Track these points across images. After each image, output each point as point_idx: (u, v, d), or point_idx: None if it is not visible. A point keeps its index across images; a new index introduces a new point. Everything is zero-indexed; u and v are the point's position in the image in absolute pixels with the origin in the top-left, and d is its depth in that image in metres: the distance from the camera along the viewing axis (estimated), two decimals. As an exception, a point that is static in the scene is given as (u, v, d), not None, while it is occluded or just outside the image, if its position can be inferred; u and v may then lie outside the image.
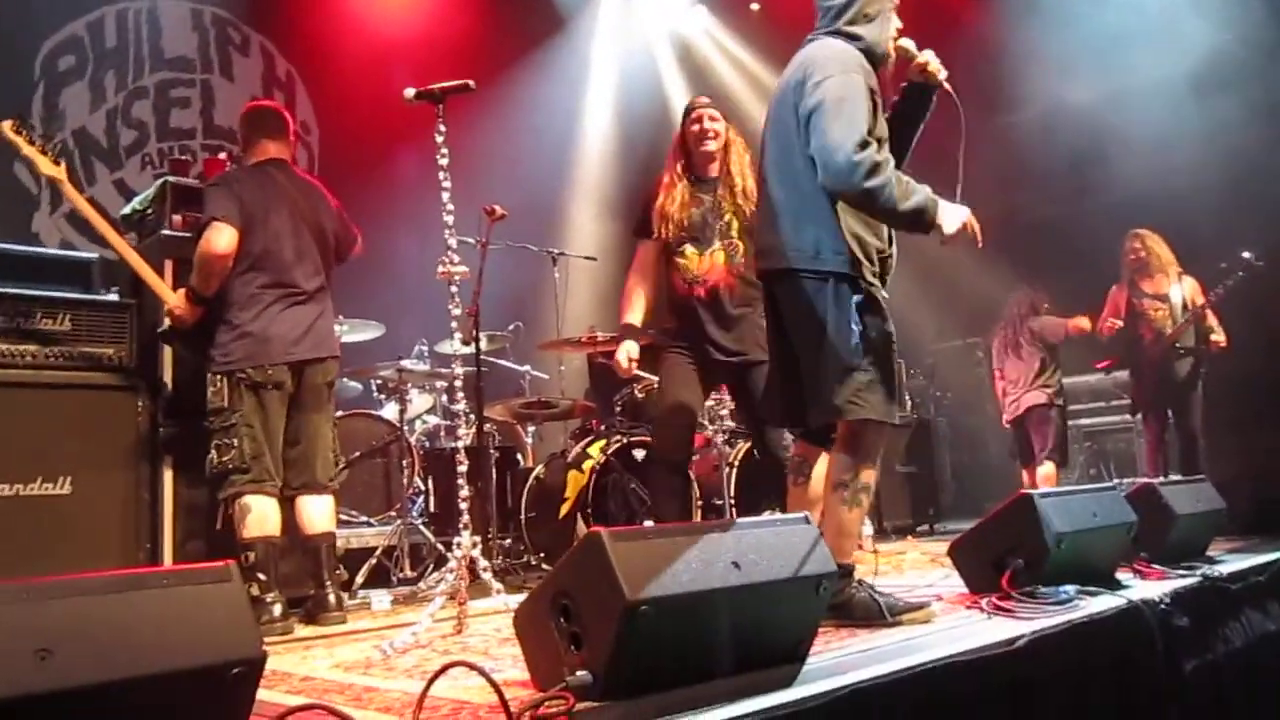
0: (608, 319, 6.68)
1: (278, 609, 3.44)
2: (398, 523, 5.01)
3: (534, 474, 5.37)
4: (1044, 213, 8.45)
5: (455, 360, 3.47)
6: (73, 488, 3.56)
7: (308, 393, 3.74)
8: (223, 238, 3.54)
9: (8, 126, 3.54)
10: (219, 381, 3.56)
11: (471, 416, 4.60)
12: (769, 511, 4.19)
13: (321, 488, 3.75)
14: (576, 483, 4.97)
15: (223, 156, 5.07)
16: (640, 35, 9.69)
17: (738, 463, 5.12)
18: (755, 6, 9.58)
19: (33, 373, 3.57)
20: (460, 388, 3.37)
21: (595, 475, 4.91)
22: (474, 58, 7.61)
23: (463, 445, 3.22)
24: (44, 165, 3.60)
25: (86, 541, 3.57)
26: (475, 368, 4.43)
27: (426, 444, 5.93)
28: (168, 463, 3.83)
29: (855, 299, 2.73)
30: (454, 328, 3.30)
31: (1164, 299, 6.06)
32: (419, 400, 6.04)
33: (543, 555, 5.10)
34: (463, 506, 3.18)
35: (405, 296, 6.50)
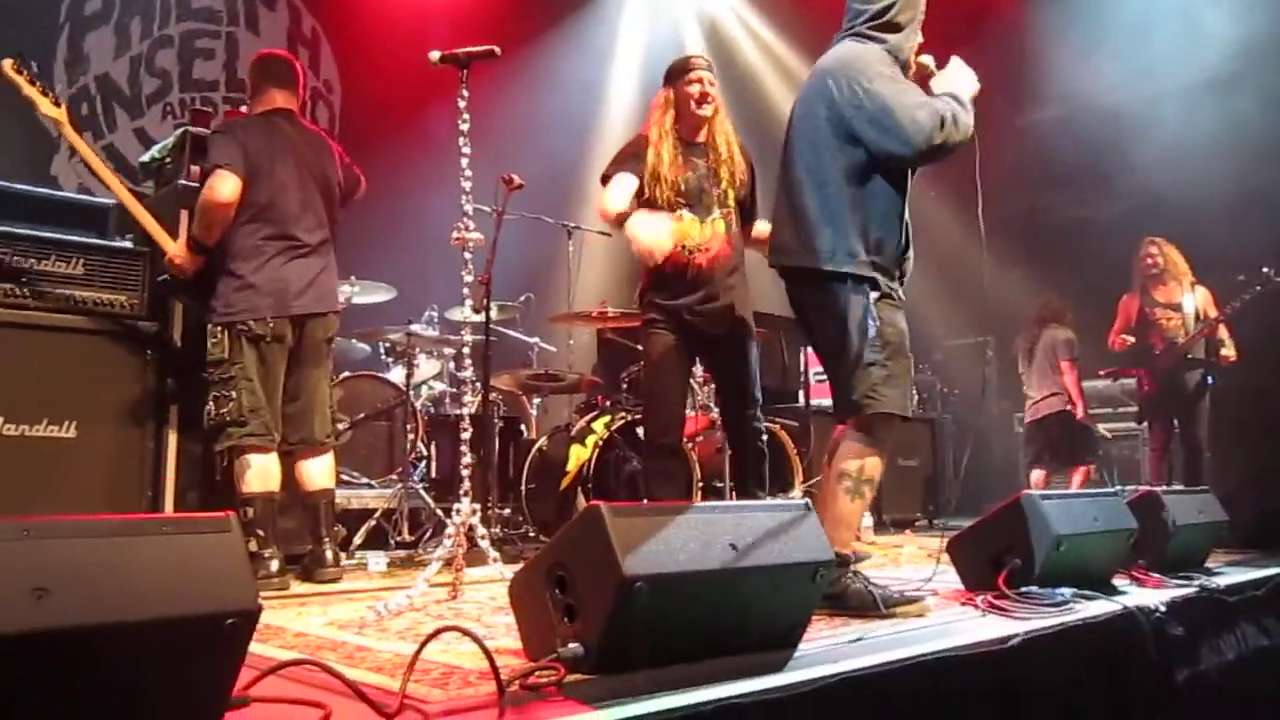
0: (620, 294, 6.67)
1: (275, 564, 3.46)
2: (398, 486, 5.02)
3: (537, 446, 5.38)
4: (1065, 214, 8.42)
5: (465, 327, 3.45)
6: (77, 432, 3.57)
7: (308, 347, 3.71)
8: (226, 185, 3.50)
9: (8, 65, 3.48)
10: (219, 333, 3.54)
11: (477, 385, 4.60)
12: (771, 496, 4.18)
13: (319, 444, 3.75)
14: (579, 457, 4.98)
15: (244, 110, 5.05)
16: (669, 12, 9.64)
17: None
18: (786, -11, 9.52)
19: (43, 315, 3.57)
20: (468, 355, 3.36)
21: (598, 450, 4.91)
22: (502, 24, 7.58)
23: (467, 413, 3.21)
24: (44, 106, 3.56)
25: (88, 486, 3.58)
26: (484, 336, 4.43)
27: (431, 410, 5.94)
28: (173, 412, 3.82)
29: (874, 295, 2.81)
30: (465, 295, 3.30)
31: (1177, 308, 6.03)
32: (426, 365, 6.04)
33: (541, 527, 5.11)
34: (464, 474, 3.17)
35: (418, 261, 6.51)
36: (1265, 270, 5.74)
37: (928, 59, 3.05)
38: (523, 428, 6.16)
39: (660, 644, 1.85)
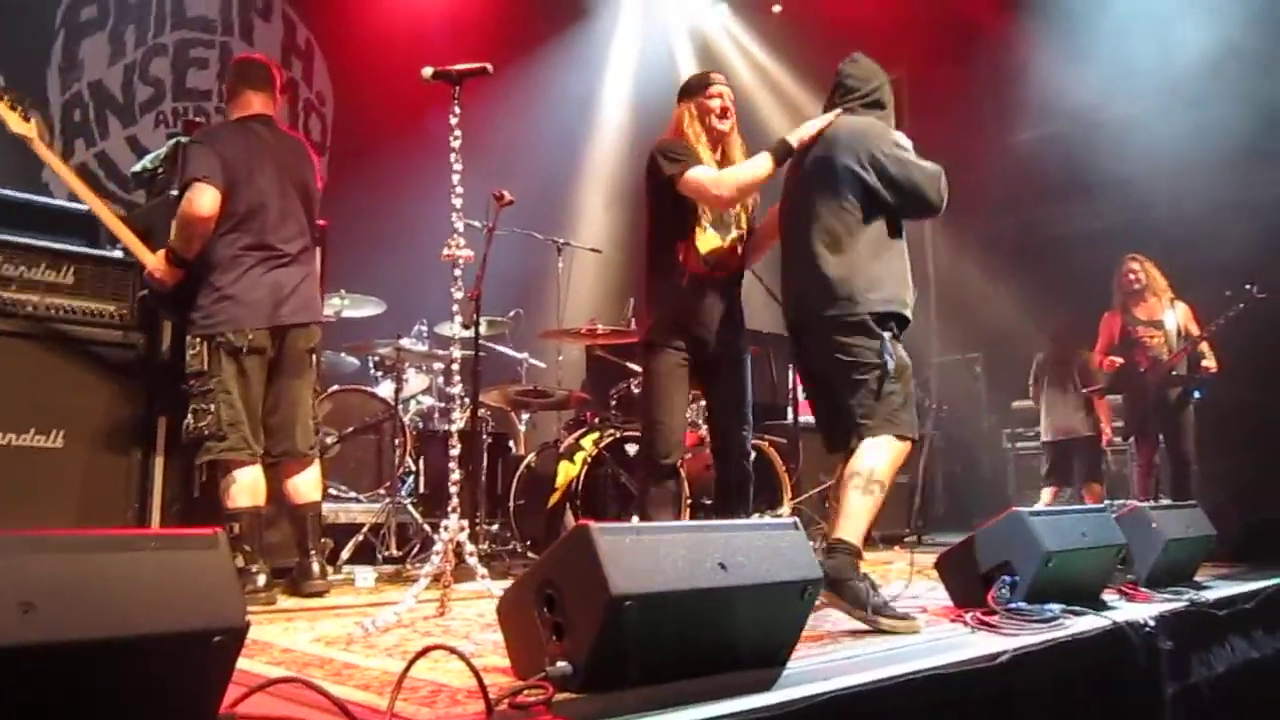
0: (609, 311, 6.68)
1: (262, 579, 3.44)
2: (386, 501, 5.01)
3: (525, 462, 5.37)
4: (1052, 229, 8.46)
5: (454, 343, 3.43)
6: (65, 441, 3.55)
7: (289, 358, 3.67)
8: (205, 198, 3.46)
9: None
10: (198, 345, 3.50)
11: (466, 400, 4.59)
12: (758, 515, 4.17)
13: (302, 456, 3.71)
14: (567, 473, 4.96)
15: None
16: (660, 30, 9.68)
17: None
18: (777, 9, 9.58)
19: (32, 324, 3.55)
20: (457, 370, 3.35)
21: (587, 467, 4.90)
22: (495, 39, 7.60)
23: (456, 428, 3.20)
24: (13, 123, 3.53)
25: (74, 496, 3.56)
26: (474, 351, 4.42)
27: (420, 424, 5.92)
28: (161, 424, 3.80)
29: (887, 334, 3.14)
30: (455, 310, 3.29)
31: (1159, 325, 6.05)
32: (415, 380, 6.03)
33: (529, 543, 5.10)
34: (452, 490, 3.16)
35: (408, 275, 6.48)
36: (1248, 286, 5.77)
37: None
38: (511, 444, 6.15)
39: (649, 663, 1.84)
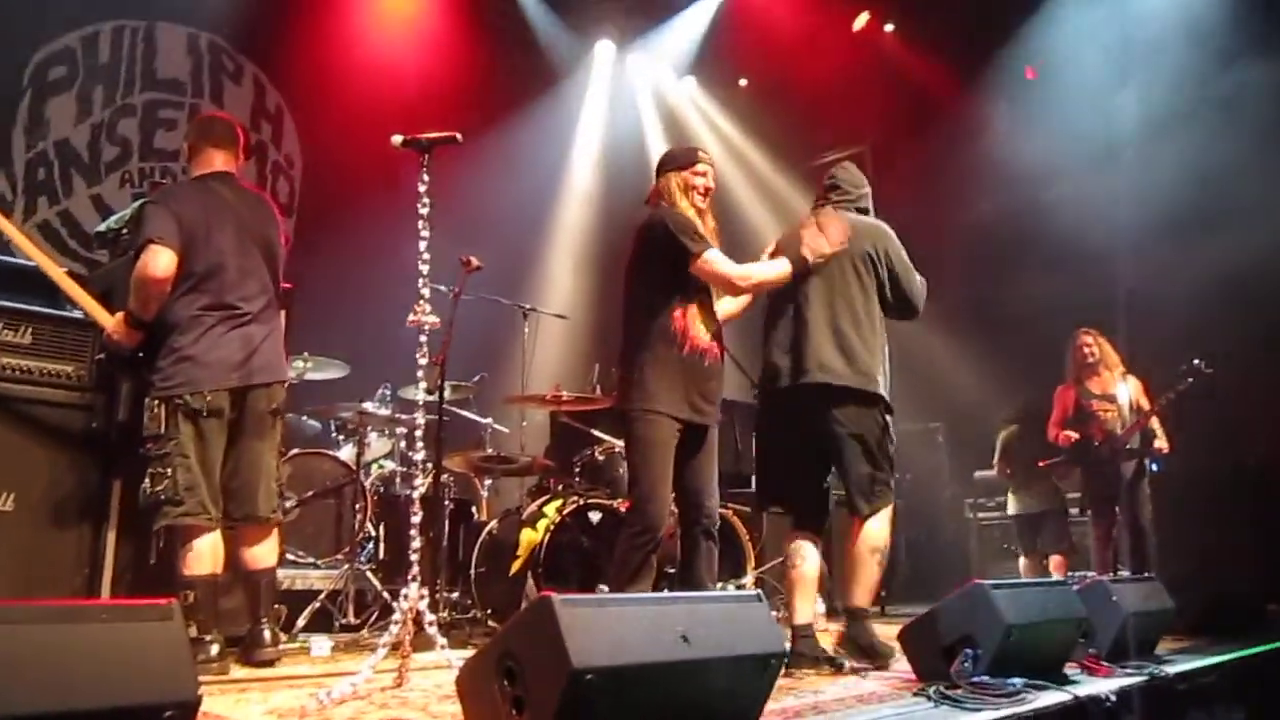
0: (574, 378, 6.68)
1: (215, 649, 3.34)
2: (345, 567, 4.93)
3: (487, 529, 5.31)
4: (1008, 302, 8.60)
5: (418, 407, 3.39)
6: (15, 505, 3.46)
7: (250, 419, 3.59)
8: (160, 260, 3.43)
9: None
10: (156, 407, 3.44)
11: (429, 465, 4.54)
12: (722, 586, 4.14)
13: (263, 520, 3.63)
14: (530, 541, 4.91)
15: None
16: (629, 100, 9.87)
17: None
18: (743, 82, 9.81)
19: (-14, 384, 3.47)
20: (420, 435, 3.31)
21: (550, 534, 4.85)
22: (464, 105, 7.70)
23: (417, 495, 3.16)
24: None
25: (24, 561, 3.46)
26: (438, 416, 4.39)
27: (381, 489, 5.85)
28: (115, 487, 3.71)
29: (889, 416, 3.70)
30: (419, 376, 3.28)
31: (1112, 399, 6.12)
32: (377, 444, 5.98)
33: (490, 612, 5.02)
34: (413, 557, 3.11)
35: (372, 339, 6.45)
36: (1195, 362, 5.87)
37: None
38: (474, 509, 6.08)
39: (611, 737, 1.82)
